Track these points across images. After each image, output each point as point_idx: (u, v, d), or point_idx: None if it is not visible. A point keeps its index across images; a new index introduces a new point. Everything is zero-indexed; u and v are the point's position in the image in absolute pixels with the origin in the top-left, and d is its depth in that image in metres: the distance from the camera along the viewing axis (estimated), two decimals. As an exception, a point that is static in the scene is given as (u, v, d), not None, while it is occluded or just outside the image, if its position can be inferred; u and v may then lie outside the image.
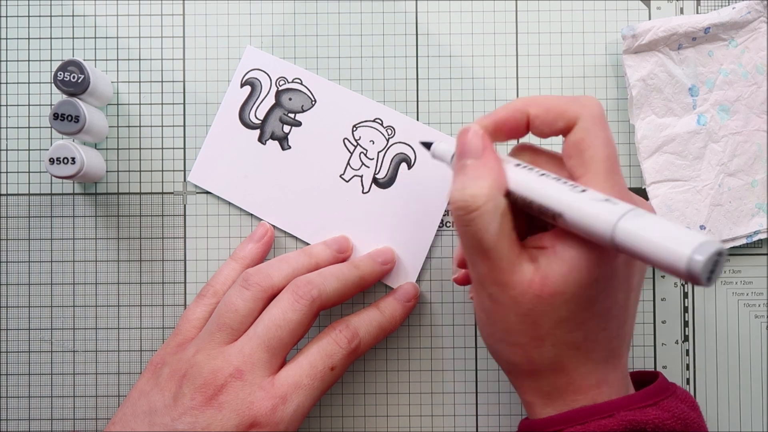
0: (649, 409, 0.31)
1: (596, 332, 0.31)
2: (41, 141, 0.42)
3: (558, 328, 0.31)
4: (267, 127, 0.42)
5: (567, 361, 0.32)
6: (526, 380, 0.33)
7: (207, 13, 0.42)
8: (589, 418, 0.31)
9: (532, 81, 0.42)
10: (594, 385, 0.32)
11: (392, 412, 0.42)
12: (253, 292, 0.36)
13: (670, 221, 0.27)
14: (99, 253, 0.42)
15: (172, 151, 0.42)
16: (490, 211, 0.30)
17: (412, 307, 0.40)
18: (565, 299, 0.30)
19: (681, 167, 0.41)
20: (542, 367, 0.32)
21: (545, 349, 0.31)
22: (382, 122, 0.42)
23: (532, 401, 0.33)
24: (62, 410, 0.41)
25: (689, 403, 0.33)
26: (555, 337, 0.31)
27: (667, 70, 0.41)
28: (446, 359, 0.42)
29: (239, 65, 0.42)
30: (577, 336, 0.31)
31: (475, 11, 0.42)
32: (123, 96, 0.42)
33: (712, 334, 0.42)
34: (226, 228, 0.42)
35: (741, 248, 0.42)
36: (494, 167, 0.31)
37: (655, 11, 0.42)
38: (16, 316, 0.41)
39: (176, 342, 0.38)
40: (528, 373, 0.33)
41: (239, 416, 0.34)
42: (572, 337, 0.31)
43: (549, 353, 0.31)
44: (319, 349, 0.36)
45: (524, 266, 0.31)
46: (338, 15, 0.42)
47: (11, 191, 0.42)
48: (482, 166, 0.31)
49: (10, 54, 0.42)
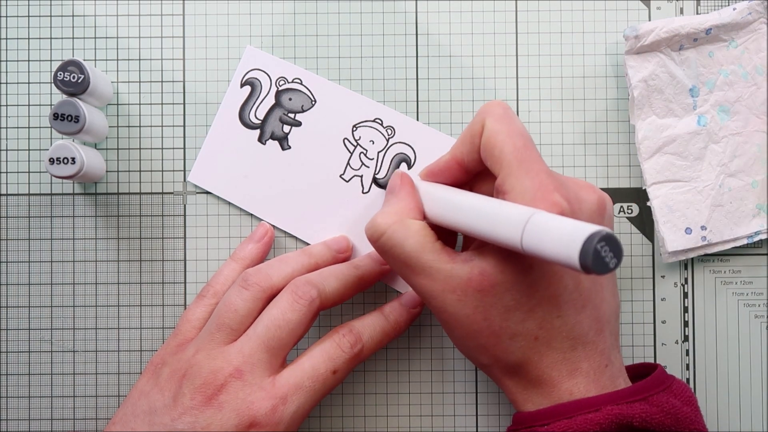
0: (636, 404, 0.32)
1: (550, 320, 0.32)
2: (41, 141, 0.42)
3: (508, 319, 0.32)
4: (267, 127, 0.42)
5: (530, 354, 0.32)
6: (503, 378, 0.34)
7: (207, 13, 0.42)
8: (577, 412, 0.31)
9: (532, 81, 0.42)
10: (566, 376, 0.32)
11: (392, 412, 0.42)
12: (253, 292, 0.36)
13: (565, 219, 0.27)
14: (99, 253, 0.42)
15: (172, 151, 0.42)
16: (397, 231, 0.33)
17: (418, 314, 0.40)
18: (506, 288, 0.31)
19: (681, 168, 0.41)
20: (510, 364, 0.33)
21: (505, 345, 0.32)
22: (382, 122, 0.42)
23: (514, 398, 0.34)
24: (62, 410, 0.41)
25: (684, 397, 0.33)
26: (509, 330, 0.32)
27: (669, 70, 0.41)
28: (446, 359, 0.42)
29: (239, 65, 0.42)
30: (531, 325, 0.32)
31: (475, 11, 0.42)
32: (123, 96, 0.42)
33: (712, 334, 0.42)
34: (226, 228, 0.42)
35: (741, 248, 0.42)
36: (404, 197, 0.36)
37: (655, 11, 0.42)
38: (16, 316, 0.41)
39: (176, 342, 0.38)
40: (501, 371, 0.34)
41: (239, 416, 0.34)
42: (526, 327, 0.32)
43: (510, 348, 0.32)
44: (322, 351, 0.36)
45: (458, 268, 0.32)
46: (338, 15, 0.42)
47: (11, 191, 0.42)
48: (394, 198, 0.36)
49: (10, 54, 0.42)
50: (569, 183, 0.33)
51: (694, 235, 0.41)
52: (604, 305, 0.33)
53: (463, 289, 0.32)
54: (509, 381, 0.34)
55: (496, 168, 0.32)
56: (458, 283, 0.32)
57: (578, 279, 0.32)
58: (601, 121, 0.42)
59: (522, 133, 0.32)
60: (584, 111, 0.42)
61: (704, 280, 0.42)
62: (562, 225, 0.27)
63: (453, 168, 0.36)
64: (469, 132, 0.34)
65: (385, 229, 0.34)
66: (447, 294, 0.32)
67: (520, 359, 0.33)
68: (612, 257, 0.25)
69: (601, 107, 0.42)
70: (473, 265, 0.32)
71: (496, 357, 0.33)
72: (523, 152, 0.32)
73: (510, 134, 0.32)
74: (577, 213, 0.31)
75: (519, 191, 0.31)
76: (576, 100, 0.42)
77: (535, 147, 0.33)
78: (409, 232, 0.33)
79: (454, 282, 0.32)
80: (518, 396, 0.34)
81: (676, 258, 0.41)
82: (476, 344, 0.33)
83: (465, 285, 0.32)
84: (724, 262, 0.42)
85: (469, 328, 0.33)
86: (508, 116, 0.33)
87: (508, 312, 0.32)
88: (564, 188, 0.32)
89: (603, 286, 0.34)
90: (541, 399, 0.33)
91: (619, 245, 0.26)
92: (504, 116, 0.33)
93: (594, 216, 0.33)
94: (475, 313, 0.32)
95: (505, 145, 0.32)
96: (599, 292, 0.33)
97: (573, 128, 0.42)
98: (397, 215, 0.34)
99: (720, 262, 0.42)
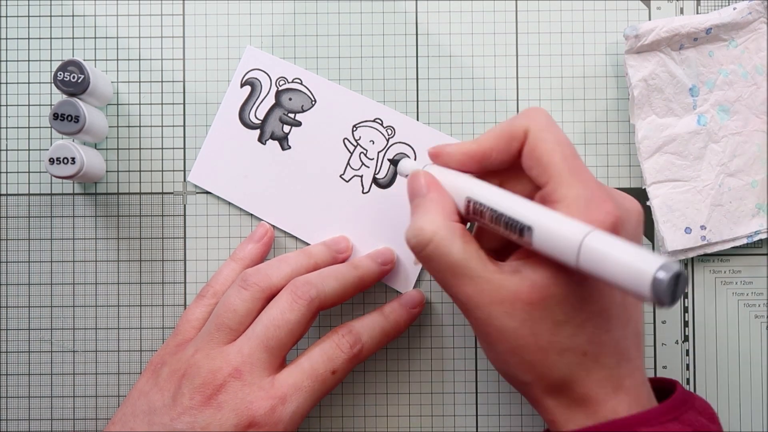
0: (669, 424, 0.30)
1: (599, 334, 0.31)
2: (41, 141, 0.42)
3: (558, 334, 0.30)
4: (267, 127, 0.42)
5: (577, 371, 0.31)
6: (544, 398, 0.32)
7: (207, 13, 0.42)
8: None
9: (532, 81, 0.42)
10: (611, 393, 0.31)
11: (392, 412, 0.42)
12: (252, 292, 0.36)
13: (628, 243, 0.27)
14: (99, 253, 0.42)
15: (172, 151, 0.42)
16: (445, 237, 0.31)
17: (418, 314, 0.40)
18: (557, 301, 0.30)
19: (681, 167, 0.41)
20: (555, 382, 0.31)
21: (551, 361, 0.31)
22: (382, 122, 0.42)
23: (553, 419, 0.32)
24: (62, 410, 0.41)
25: (708, 415, 0.32)
26: (558, 345, 0.30)
27: (669, 70, 0.41)
28: (446, 359, 0.42)
29: (239, 65, 0.42)
30: (580, 340, 0.30)
31: (475, 11, 0.42)
32: (123, 96, 0.42)
33: (712, 334, 0.42)
34: (226, 228, 0.42)
35: (741, 248, 0.42)
36: (438, 200, 0.33)
37: (655, 11, 0.42)
38: (16, 316, 0.41)
39: (176, 342, 0.38)
40: (544, 390, 0.32)
41: (238, 416, 0.34)
42: (575, 342, 0.30)
43: (557, 365, 0.31)
44: (322, 352, 0.36)
45: (507, 279, 0.30)
46: (338, 15, 0.42)
47: (11, 191, 0.42)
48: (427, 201, 0.33)
49: (10, 54, 0.42)
50: (615, 193, 0.32)
51: (694, 234, 0.41)
52: (641, 321, 0.33)
53: (512, 302, 0.30)
54: (551, 401, 0.32)
55: (543, 177, 0.31)
56: (506, 294, 0.30)
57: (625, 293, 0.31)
58: (601, 120, 0.42)
59: (568, 142, 0.32)
60: (584, 111, 0.42)
61: (704, 280, 0.42)
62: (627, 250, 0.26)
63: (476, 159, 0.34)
64: (508, 133, 0.32)
65: (432, 236, 0.31)
66: (494, 306, 0.30)
67: (566, 376, 0.31)
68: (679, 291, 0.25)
69: (601, 107, 0.42)
70: (523, 276, 0.30)
71: (540, 374, 0.31)
72: (572, 161, 0.31)
73: (558, 143, 0.31)
74: (626, 223, 0.31)
75: (573, 200, 0.30)
76: (576, 100, 0.42)
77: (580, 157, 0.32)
78: (456, 238, 0.31)
79: (502, 293, 0.30)
80: (559, 417, 0.32)
81: (675, 258, 0.41)
82: (520, 360, 0.31)
83: (513, 297, 0.30)
84: (724, 262, 0.42)
85: (514, 342, 0.31)
86: (553, 124, 0.32)
87: (557, 326, 0.30)
88: (613, 198, 0.31)
89: (641, 302, 0.33)
90: (585, 419, 0.31)
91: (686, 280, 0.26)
92: (550, 124, 0.32)
93: (637, 227, 0.32)
94: (522, 327, 0.30)
95: (554, 153, 0.31)
96: (638, 307, 0.32)
97: (573, 128, 0.42)
98: (441, 220, 0.32)
99: (720, 262, 0.42)
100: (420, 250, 0.32)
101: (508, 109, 0.42)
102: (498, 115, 0.42)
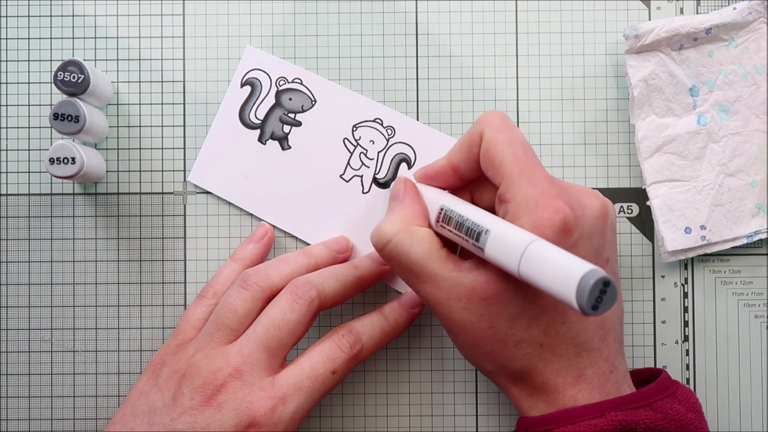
0: (641, 410, 0.32)
1: (555, 326, 0.32)
2: (41, 141, 0.42)
3: (514, 326, 0.32)
4: (267, 127, 0.42)
5: (535, 361, 0.32)
6: (508, 385, 0.34)
7: (207, 13, 0.42)
8: (580, 417, 0.31)
9: (532, 81, 0.42)
10: (571, 383, 0.32)
11: (392, 412, 0.42)
12: (252, 292, 0.36)
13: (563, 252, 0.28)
14: (99, 253, 0.42)
15: (172, 151, 0.42)
16: (403, 239, 0.33)
17: (417, 314, 0.40)
18: (511, 296, 0.32)
19: (681, 167, 0.41)
20: (515, 371, 0.33)
21: (510, 352, 0.32)
22: (382, 122, 0.42)
23: (518, 405, 0.34)
24: (62, 410, 0.41)
25: (688, 404, 0.33)
26: (515, 337, 0.32)
27: (669, 70, 0.41)
28: (446, 359, 0.42)
29: (239, 65, 0.42)
30: (536, 332, 0.32)
31: (475, 11, 0.42)
32: (123, 96, 0.42)
33: (712, 334, 0.42)
34: (226, 228, 0.42)
35: (741, 248, 0.42)
36: (408, 204, 0.35)
37: (655, 11, 0.42)
38: (16, 316, 0.41)
39: (176, 342, 0.38)
40: (506, 378, 0.34)
41: (238, 416, 0.34)
42: (531, 334, 0.32)
43: (515, 356, 0.32)
44: (321, 352, 0.36)
45: (464, 276, 0.32)
46: (338, 15, 0.42)
47: (11, 191, 0.42)
48: (399, 204, 0.36)
49: (10, 54, 0.42)
50: (572, 189, 0.33)
51: (694, 234, 0.41)
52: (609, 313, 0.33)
53: (468, 297, 0.32)
54: (514, 388, 0.34)
55: (497, 178, 0.33)
56: (463, 291, 0.32)
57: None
58: (601, 121, 0.42)
59: (521, 141, 0.33)
60: (584, 111, 0.42)
61: (704, 280, 0.42)
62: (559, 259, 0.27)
63: (448, 173, 0.36)
64: (467, 141, 0.34)
65: (391, 237, 0.34)
66: (452, 302, 0.32)
67: (525, 366, 0.33)
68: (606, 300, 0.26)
69: (601, 107, 0.42)
70: (478, 273, 0.32)
71: (501, 364, 0.33)
72: (523, 161, 0.32)
73: (509, 143, 0.32)
74: (580, 219, 0.31)
75: (522, 199, 0.31)
76: (576, 100, 0.42)
77: (535, 155, 0.33)
78: (415, 239, 0.33)
79: (459, 290, 0.32)
80: (523, 403, 0.34)
81: (675, 258, 0.41)
82: (481, 351, 0.33)
83: (470, 293, 0.32)
84: (724, 262, 0.42)
85: (474, 335, 0.33)
86: (507, 125, 0.33)
87: (513, 320, 0.32)
88: (567, 194, 0.32)
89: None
90: (546, 406, 0.33)
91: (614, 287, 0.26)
92: (502, 126, 0.33)
93: (597, 222, 0.33)
94: (480, 320, 0.32)
95: (505, 154, 0.32)
96: None
97: (573, 128, 0.42)
98: (403, 222, 0.34)
99: (720, 262, 0.42)
100: (380, 249, 0.34)
101: (508, 109, 0.42)
102: (498, 115, 0.42)
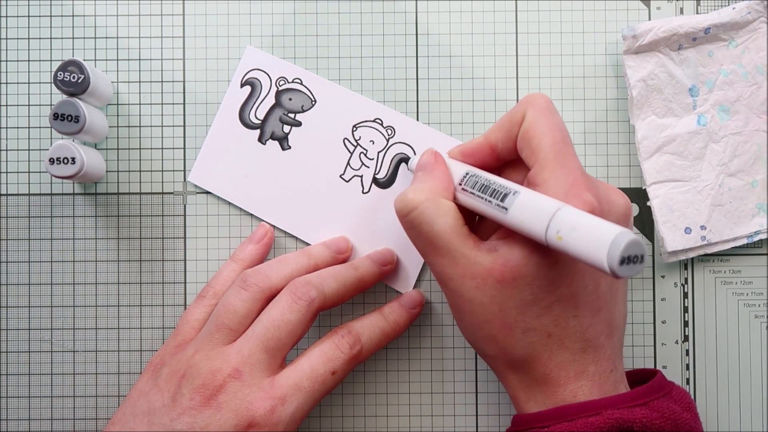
0: (637, 409, 0.31)
1: (566, 318, 0.32)
2: (41, 141, 0.42)
3: (525, 313, 0.32)
4: (267, 127, 0.42)
5: (540, 350, 0.32)
6: (507, 373, 0.34)
7: (207, 13, 0.42)
8: (577, 415, 0.31)
9: (532, 81, 0.42)
10: (572, 377, 0.32)
11: (392, 412, 0.42)
12: (252, 292, 0.36)
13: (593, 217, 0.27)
14: (99, 253, 0.42)
15: (172, 151, 0.42)
16: (429, 209, 0.33)
17: (417, 314, 0.40)
18: (527, 282, 0.31)
19: (681, 167, 0.41)
20: (517, 358, 0.33)
21: (516, 338, 0.32)
22: (382, 122, 0.42)
23: (515, 395, 0.34)
24: (62, 410, 0.41)
25: (684, 403, 0.33)
26: (524, 323, 0.32)
27: (668, 70, 0.41)
28: (446, 359, 0.42)
29: (239, 65, 0.42)
30: (546, 321, 0.32)
31: (475, 11, 0.42)
32: (123, 96, 0.42)
33: (712, 334, 0.42)
34: (226, 228, 0.42)
35: (741, 248, 0.42)
36: (438, 175, 0.35)
37: (655, 11, 0.42)
38: (16, 316, 0.41)
39: (176, 343, 0.38)
40: (506, 365, 0.33)
41: (238, 416, 0.34)
42: (541, 323, 0.32)
43: (521, 342, 0.32)
44: (321, 352, 0.36)
45: (482, 256, 0.32)
46: (338, 15, 0.42)
47: (11, 191, 0.42)
48: (428, 175, 0.35)
49: (10, 54, 0.42)
50: (600, 185, 0.33)
51: (694, 234, 0.41)
52: (616, 311, 0.33)
53: (484, 278, 0.32)
54: (513, 376, 0.34)
55: (531, 159, 0.32)
56: (479, 270, 0.32)
57: (598, 281, 0.32)
58: (601, 121, 0.42)
59: (561, 128, 0.32)
60: (584, 111, 0.42)
61: (704, 280, 0.42)
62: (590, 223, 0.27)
63: (485, 151, 0.35)
64: (509, 119, 0.33)
65: (417, 204, 0.33)
66: (466, 279, 0.32)
67: (528, 355, 0.32)
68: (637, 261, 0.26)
69: (601, 107, 0.42)
70: (498, 254, 0.31)
71: (504, 349, 0.33)
72: (561, 147, 0.31)
73: (550, 128, 0.32)
74: (606, 215, 0.31)
75: (552, 185, 0.31)
76: (576, 100, 0.42)
77: (572, 145, 0.32)
78: (441, 210, 0.33)
79: (475, 269, 0.32)
80: (520, 393, 0.34)
81: (675, 258, 0.41)
82: (486, 334, 0.33)
83: (486, 273, 0.31)
84: (724, 262, 0.42)
85: (482, 317, 0.32)
86: (550, 109, 0.33)
87: (525, 306, 0.31)
88: (596, 189, 0.31)
89: (617, 292, 0.33)
90: (544, 399, 0.33)
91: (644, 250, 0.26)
92: (546, 109, 0.32)
93: (621, 220, 0.32)
94: (491, 302, 0.32)
95: (544, 137, 0.32)
96: (614, 297, 0.33)
97: (573, 128, 0.42)
98: (431, 192, 0.33)
99: (720, 262, 0.42)
100: (404, 215, 0.33)
101: (508, 109, 0.42)
102: (498, 115, 0.42)
